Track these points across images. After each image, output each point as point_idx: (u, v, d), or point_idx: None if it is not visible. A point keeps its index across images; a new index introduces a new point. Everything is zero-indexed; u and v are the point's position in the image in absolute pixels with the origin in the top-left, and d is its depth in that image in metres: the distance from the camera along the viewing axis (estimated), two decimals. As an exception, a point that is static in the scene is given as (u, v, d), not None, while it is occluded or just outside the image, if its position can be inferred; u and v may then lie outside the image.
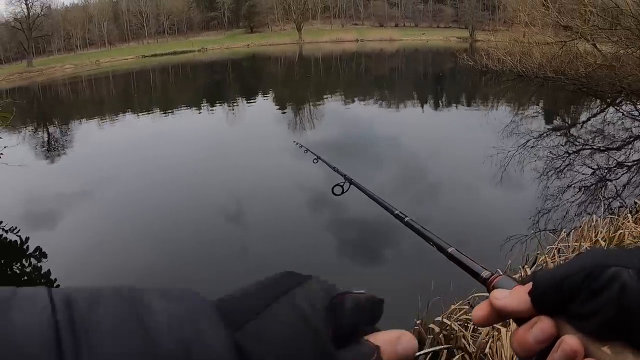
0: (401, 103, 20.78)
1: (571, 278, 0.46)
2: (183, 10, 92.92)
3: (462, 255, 0.71)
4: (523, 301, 0.49)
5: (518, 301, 0.49)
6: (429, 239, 0.87)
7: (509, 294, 0.51)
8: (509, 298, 0.50)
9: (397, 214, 1.13)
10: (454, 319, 3.79)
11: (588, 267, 0.45)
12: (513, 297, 0.50)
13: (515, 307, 0.49)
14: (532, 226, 6.63)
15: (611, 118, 14.71)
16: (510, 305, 0.50)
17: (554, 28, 19.96)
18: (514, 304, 0.50)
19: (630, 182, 8.54)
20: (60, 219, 8.46)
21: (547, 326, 0.47)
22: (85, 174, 11.21)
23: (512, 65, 23.16)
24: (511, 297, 0.50)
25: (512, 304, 0.50)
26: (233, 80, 35.70)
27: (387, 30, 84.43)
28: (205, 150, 12.25)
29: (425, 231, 0.91)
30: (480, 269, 0.63)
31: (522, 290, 0.50)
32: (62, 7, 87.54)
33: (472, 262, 0.67)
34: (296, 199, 8.47)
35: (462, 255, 0.71)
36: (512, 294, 0.51)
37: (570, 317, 0.46)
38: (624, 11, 14.39)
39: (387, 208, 1.21)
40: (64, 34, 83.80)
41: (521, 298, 0.49)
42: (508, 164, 9.72)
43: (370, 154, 11.31)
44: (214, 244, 6.87)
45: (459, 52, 30.12)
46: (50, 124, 20.76)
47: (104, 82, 40.87)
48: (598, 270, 0.44)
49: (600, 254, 0.47)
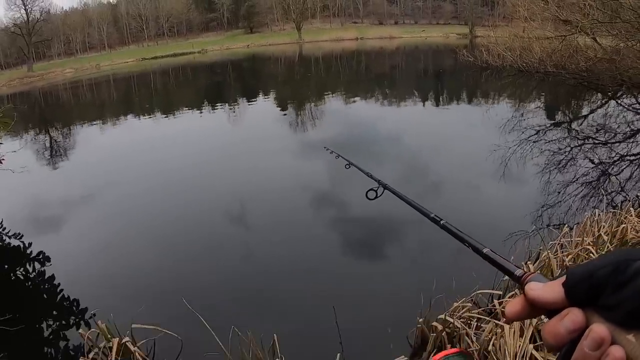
0: (403, 101, 20.77)
1: (600, 271, 0.50)
2: (182, 11, 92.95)
3: (496, 255, 0.77)
4: (557, 291, 0.53)
5: (552, 292, 0.54)
6: (464, 241, 0.92)
7: (543, 286, 0.55)
8: (543, 289, 0.55)
9: (432, 217, 1.17)
10: (457, 317, 3.78)
11: (615, 261, 0.50)
12: (547, 288, 0.54)
13: (549, 297, 0.54)
14: (534, 221, 6.61)
15: (612, 111, 14.68)
16: (545, 295, 0.54)
17: (553, 22, 19.93)
18: (548, 295, 0.54)
19: (633, 176, 8.51)
20: (63, 224, 8.48)
21: (578, 317, 0.50)
22: (88, 178, 11.21)
23: (513, 60, 23.14)
24: (545, 288, 0.55)
25: (547, 295, 0.54)
26: (234, 81, 35.76)
27: (386, 28, 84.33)
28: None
29: (461, 234, 0.95)
30: (514, 267, 0.67)
31: (556, 283, 0.54)
32: (61, 11, 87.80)
33: (506, 261, 0.72)
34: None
35: (497, 255, 0.76)
36: (546, 285, 0.55)
37: (599, 308, 0.50)
38: (624, 4, 14.34)
39: (422, 212, 1.25)
40: (63, 38, 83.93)
41: (555, 289, 0.53)
42: (510, 159, 9.70)
43: (375, 147, 11.32)
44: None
45: (459, 48, 30.08)
46: (52, 128, 20.81)
47: (104, 85, 40.93)
48: (624, 264, 0.49)
49: (627, 251, 0.51)
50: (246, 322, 4.10)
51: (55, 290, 5.94)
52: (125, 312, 4.54)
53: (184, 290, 5.22)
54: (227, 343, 3.71)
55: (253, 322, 4.43)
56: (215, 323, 3.94)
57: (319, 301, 5.09)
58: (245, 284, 5.72)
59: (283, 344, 3.77)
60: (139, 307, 4.85)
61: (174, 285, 5.70)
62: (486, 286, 4.20)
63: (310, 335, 4.55)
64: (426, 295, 4.05)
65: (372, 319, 4.45)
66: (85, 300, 5.40)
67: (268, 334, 3.84)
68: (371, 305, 4.75)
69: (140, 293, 5.59)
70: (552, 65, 20.34)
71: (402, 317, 4.37)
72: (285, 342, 3.83)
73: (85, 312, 5.23)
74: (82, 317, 5.18)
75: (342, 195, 8.40)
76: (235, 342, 3.71)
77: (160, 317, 4.50)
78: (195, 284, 5.70)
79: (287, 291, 5.38)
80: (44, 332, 5.11)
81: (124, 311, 4.63)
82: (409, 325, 4.17)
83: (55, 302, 5.69)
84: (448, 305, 3.93)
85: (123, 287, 5.80)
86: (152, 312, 4.88)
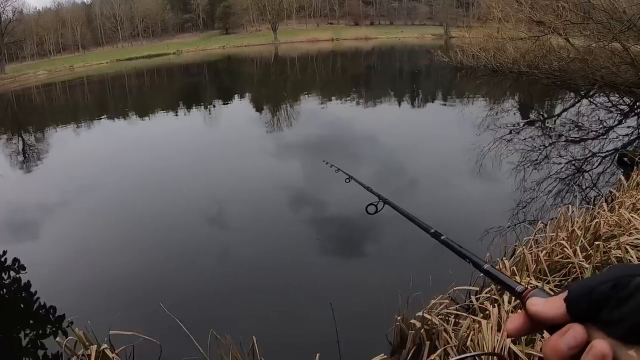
0: (378, 100, 20.79)
1: (601, 286, 0.50)
2: (157, 12, 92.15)
3: (497, 271, 0.77)
4: (558, 307, 0.53)
5: (553, 307, 0.53)
6: (465, 257, 0.92)
7: (544, 301, 0.55)
8: (544, 305, 0.55)
9: (433, 233, 1.16)
10: (435, 314, 3.81)
11: (616, 277, 0.50)
12: (548, 304, 0.54)
13: (550, 312, 0.54)
14: (510, 218, 6.70)
15: (585, 110, 14.94)
16: (546, 310, 0.54)
17: (527, 23, 20.26)
18: (550, 310, 0.54)
19: (605, 172, 8.67)
20: (37, 230, 8.28)
21: (579, 332, 0.50)
22: (62, 182, 11.02)
23: (487, 60, 23.44)
24: (546, 304, 0.55)
25: (548, 310, 0.54)
26: (210, 83, 35.57)
27: (362, 29, 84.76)
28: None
29: (462, 249, 0.95)
30: (515, 283, 0.67)
31: (557, 298, 0.54)
32: (34, 11, 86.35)
33: (507, 277, 0.72)
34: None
35: (498, 272, 0.76)
36: (548, 301, 0.55)
37: (600, 323, 0.50)
38: (596, 6, 14.64)
39: (422, 227, 1.24)
40: (36, 39, 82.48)
41: (556, 305, 0.53)
42: (485, 158, 9.81)
43: (351, 144, 11.35)
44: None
45: (435, 49, 30.32)
46: (25, 132, 20.42)
47: (78, 88, 40.22)
48: (626, 280, 0.49)
49: (628, 267, 0.51)
50: (225, 325, 4.07)
51: (31, 299, 5.81)
52: (102, 319, 4.46)
53: (161, 294, 5.17)
54: (207, 346, 3.69)
55: (231, 324, 4.41)
56: (193, 326, 3.91)
57: (296, 302, 5.10)
58: (223, 286, 5.70)
59: (262, 345, 3.75)
60: (116, 312, 4.79)
61: (151, 290, 5.63)
62: (463, 283, 4.23)
63: (288, 336, 4.54)
64: (403, 293, 4.06)
65: (350, 318, 4.45)
66: (62, 308, 5.29)
67: (247, 335, 3.82)
68: (349, 305, 4.75)
69: (117, 298, 5.50)
70: (526, 65, 20.67)
71: (380, 315, 4.39)
72: (264, 343, 3.81)
73: (63, 319, 5.12)
74: (60, 325, 5.06)
75: (319, 195, 8.41)
76: (214, 344, 3.69)
77: (138, 323, 4.45)
78: (172, 288, 5.64)
79: (265, 293, 5.35)
80: (22, 342, 5.00)
81: (102, 317, 4.56)
82: (387, 323, 4.18)
83: (32, 311, 5.57)
84: (426, 302, 3.95)
85: (99, 294, 5.70)
86: (130, 317, 4.82)
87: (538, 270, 4.21)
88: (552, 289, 3.84)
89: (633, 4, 13.94)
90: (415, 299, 4.01)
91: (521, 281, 3.82)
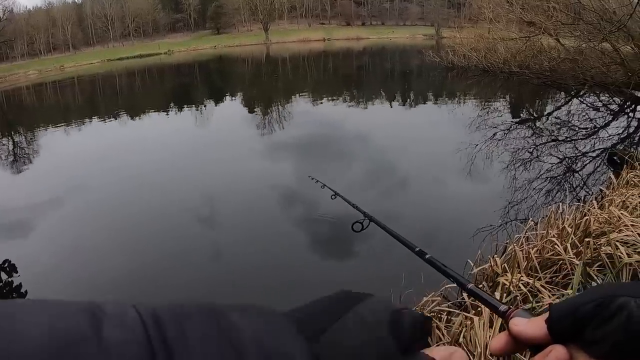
0: (370, 101, 20.81)
1: (584, 307, 0.49)
2: (149, 12, 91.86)
3: (481, 291, 0.77)
4: (540, 327, 0.53)
5: (535, 327, 0.53)
6: (449, 276, 0.94)
7: (527, 321, 0.55)
8: (527, 325, 0.55)
9: (418, 251, 1.19)
10: (427, 311, 3.82)
11: (599, 297, 0.49)
12: (530, 324, 0.54)
13: (532, 333, 0.53)
14: (501, 217, 6.74)
15: (575, 110, 15.04)
16: (528, 331, 0.54)
17: (518, 24, 20.37)
18: (531, 330, 0.53)
19: (596, 171, 8.74)
20: (30, 230, 8.21)
21: (561, 353, 0.50)
22: (52, 182, 10.95)
23: (478, 61, 23.53)
24: (529, 324, 0.54)
25: (530, 330, 0.54)
26: (201, 83, 35.48)
27: (354, 29, 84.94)
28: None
29: (446, 268, 0.97)
30: (498, 303, 0.67)
31: (540, 319, 0.54)
32: (25, 10, 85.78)
33: (490, 296, 0.72)
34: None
35: (481, 291, 0.77)
36: (530, 321, 0.55)
37: (582, 343, 0.50)
38: (586, 6, 14.75)
39: (407, 245, 1.27)
40: (27, 38, 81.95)
41: (538, 325, 0.53)
42: (476, 157, 9.84)
43: (341, 145, 11.37)
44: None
45: (426, 49, 30.40)
46: (15, 132, 20.29)
47: (69, 88, 39.91)
48: (608, 299, 0.48)
49: (611, 286, 0.51)
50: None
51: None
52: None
53: (153, 296, 5.16)
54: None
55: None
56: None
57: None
58: (214, 288, 5.69)
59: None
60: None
61: (143, 291, 5.61)
62: (455, 280, 4.24)
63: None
64: (395, 291, 4.08)
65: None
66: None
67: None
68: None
69: (112, 299, 5.47)
70: (517, 66, 20.75)
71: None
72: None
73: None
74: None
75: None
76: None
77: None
78: (163, 290, 5.63)
79: (256, 293, 5.35)
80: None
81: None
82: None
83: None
84: (418, 300, 3.96)
85: (93, 295, 5.66)
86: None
87: (529, 267, 4.23)
88: (543, 284, 3.86)
89: (623, 4, 14.03)
90: (407, 297, 4.02)
91: (512, 278, 3.84)
